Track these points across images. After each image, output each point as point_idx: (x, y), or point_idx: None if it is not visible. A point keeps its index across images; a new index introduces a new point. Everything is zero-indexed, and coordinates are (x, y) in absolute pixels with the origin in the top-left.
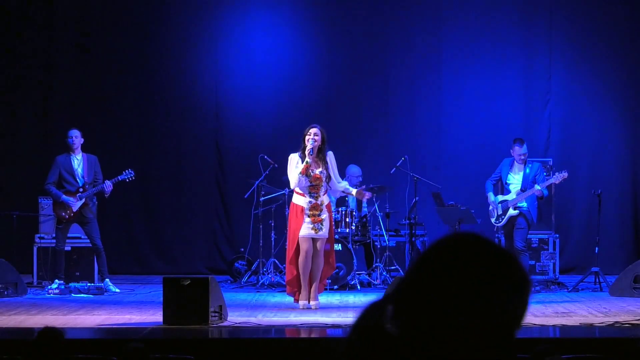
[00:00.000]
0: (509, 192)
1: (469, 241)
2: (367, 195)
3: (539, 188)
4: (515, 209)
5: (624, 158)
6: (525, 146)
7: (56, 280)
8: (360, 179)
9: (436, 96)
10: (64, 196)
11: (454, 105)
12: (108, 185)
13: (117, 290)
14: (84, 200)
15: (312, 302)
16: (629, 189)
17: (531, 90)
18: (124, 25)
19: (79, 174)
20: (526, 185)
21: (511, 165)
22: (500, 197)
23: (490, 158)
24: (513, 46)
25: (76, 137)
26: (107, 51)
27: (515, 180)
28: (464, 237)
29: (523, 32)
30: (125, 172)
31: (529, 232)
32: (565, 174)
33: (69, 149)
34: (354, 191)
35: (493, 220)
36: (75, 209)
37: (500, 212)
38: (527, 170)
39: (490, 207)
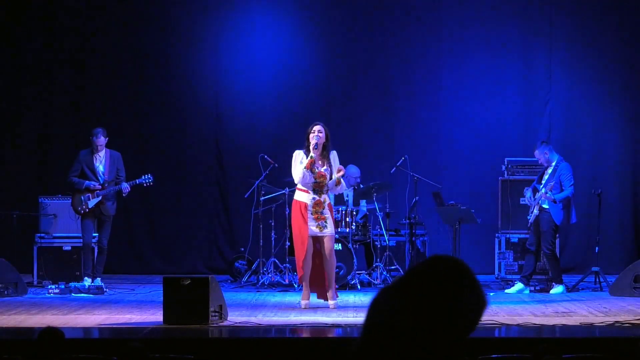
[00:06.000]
0: (540, 191)
1: (446, 264)
2: (342, 169)
3: (544, 191)
4: (539, 210)
5: (624, 158)
6: (536, 152)
7: (86, 278)
8: (359, 180)
9: (436, 96)
10: (87, 182)
11: (454, 105)
12: (125, 187)
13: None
14: (100, 198)
15: (330, 302)
16: (629, 189)
17: (531, 90)
18: (124, 25)
19: (100, 172)
20: (548, 185)
21: (547, 166)
22: (537, 195)
23: (490, 158)
24: (513, 46)
25: (103, 143)
26: (108, 51)
27: (545, 180)
28: (443, 260)
29: (523, 32)
30: (144, 177)
31: (556, 234)
32: (550, 197)
33: (91, 146)
34: (335, 174)
35: (528, 216)
36: (91, 205)
37: (532, 209)
38: (550, 171)
39: (528, 203)
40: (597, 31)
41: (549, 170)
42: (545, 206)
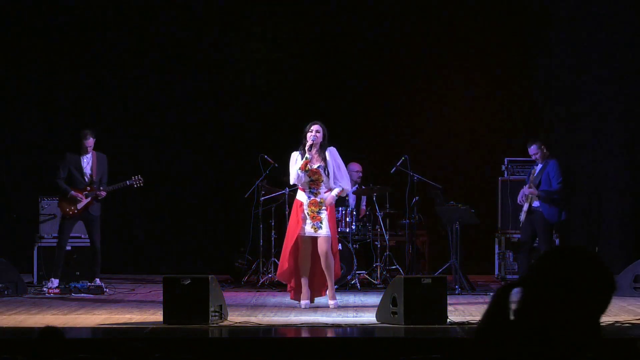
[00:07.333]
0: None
1: (571, 252)
2: (329, 200)
3: (531, 190)
4: (530, 206)
5: (624, 158)
6: (534, 147)
7: (51, 279)
8: (360, 174)
9: (436, 96)
10: (72, 192)
11: (454, 105)
12: (106, 188)
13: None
14: (89, 199)
15: (330, 302)
16: (629, 189)
17: (531, 90)
18: (124, 22)
19: (88, 173)
20: (536, 183)
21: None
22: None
23: (490, 158)
24: (514, 45)
25: (92, 144)
26: (107, 51)
27: (534, 176)
28: (568, 249)
29: (523, 32)
30: (134, 178)
31: (552, 232)
32: (534, 191)
33: (80, 149)
34: (332, 192)
35: (520, 215)
36: (79, 206)
37: (524, 207)
38: (541, 167)
39: (520, 203)
40: (598, 30)
41: (538, 168)
42: (536, 204)
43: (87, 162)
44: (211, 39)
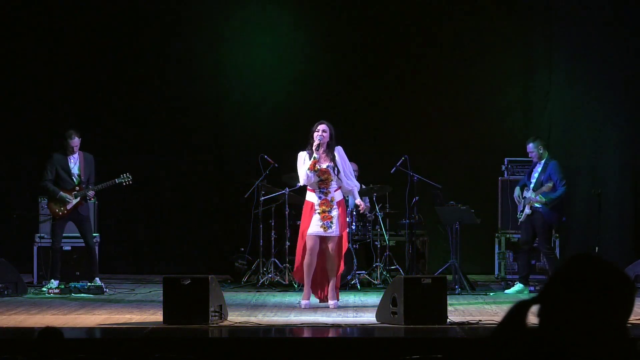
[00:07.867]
0: (530, 189)
1: (589, 261)
2: (362, 207)
3: (534, 196)
4: (530, 208)
5: (624, 157)
6: (530, 145)
7: (52, 280)
8: (357, 173)
9: (436, 96)
10: (61, 192)
11: (454, 105)
12: (91, 193)
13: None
14: (78, 199)
15: (330, 302)
16: (629, 189)
17: (531, 90)
18: (123, 25)
19: (75, 173)
20: (546, 186)
21: (536, 162)
22: (526, 193)
23: (490, 158)
24: (513, 45)
25: (77, 144)
26: (108, 51)
27: (536, 178)
28: (585, 257)
29: (523, 31)
30: (122, 176)
31: (553, 232)
32: (539, 199)
33: (66, 149)
34: (357, 200)
35: (518, 214)
36: (69, 207)
37: (522, 207)
38: (541, 169)
39: (517, 201)
40: (598, 30)
41: (539, 168)
42: (538, 205)
43: (74, 162)
44: (212, 39)
